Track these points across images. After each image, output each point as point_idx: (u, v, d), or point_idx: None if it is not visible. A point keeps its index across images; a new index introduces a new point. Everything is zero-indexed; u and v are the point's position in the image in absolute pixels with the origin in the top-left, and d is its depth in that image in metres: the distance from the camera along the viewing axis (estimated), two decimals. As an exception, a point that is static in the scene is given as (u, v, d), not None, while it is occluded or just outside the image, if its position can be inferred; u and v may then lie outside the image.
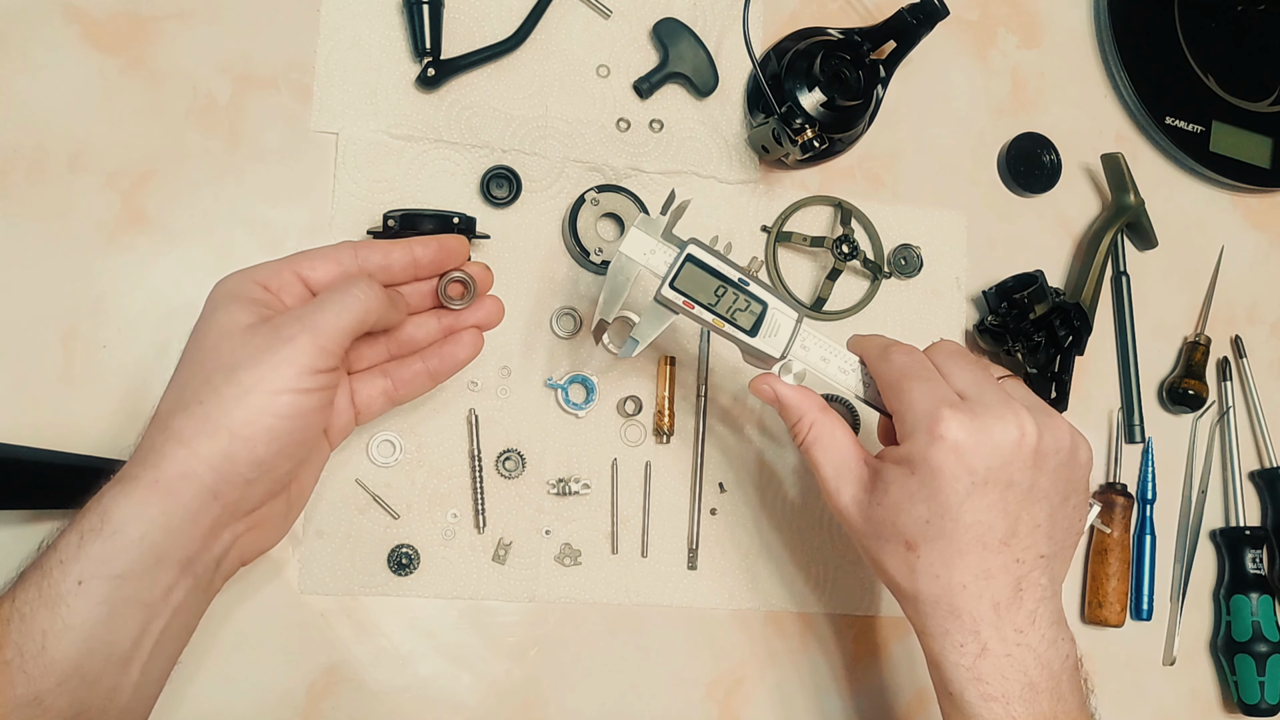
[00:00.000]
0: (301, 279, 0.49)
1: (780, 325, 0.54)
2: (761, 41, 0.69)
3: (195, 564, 0.45)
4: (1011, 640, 0.47)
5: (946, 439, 0.46)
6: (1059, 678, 0.48)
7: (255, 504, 0.47)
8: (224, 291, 0.48)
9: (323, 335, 0.45)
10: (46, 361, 0.56)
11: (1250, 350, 0.77)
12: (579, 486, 0.63)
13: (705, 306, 0.53)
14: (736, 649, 0.64)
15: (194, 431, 0.43)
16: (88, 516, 0.43)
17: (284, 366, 0.44)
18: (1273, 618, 0.72)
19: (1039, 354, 0.69)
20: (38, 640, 0.41)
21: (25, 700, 0.40)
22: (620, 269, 0.54)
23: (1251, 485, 0.77)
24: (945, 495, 0.47)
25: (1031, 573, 0.48)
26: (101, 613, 0.42)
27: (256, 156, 0.61)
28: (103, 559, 0.42)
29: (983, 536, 0.47)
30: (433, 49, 0.62)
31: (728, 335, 0.53)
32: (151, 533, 0.43)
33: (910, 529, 0.48)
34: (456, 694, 0.60)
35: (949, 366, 0.51)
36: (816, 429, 0.52)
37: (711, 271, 0.53)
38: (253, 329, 0.45)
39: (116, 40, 0.59)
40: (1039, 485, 0.48)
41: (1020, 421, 0.47)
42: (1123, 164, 0.73)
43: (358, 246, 0.51)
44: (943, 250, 0.71)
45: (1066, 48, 0.77)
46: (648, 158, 0.66)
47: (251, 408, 0.43)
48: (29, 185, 0.57)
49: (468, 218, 0.60)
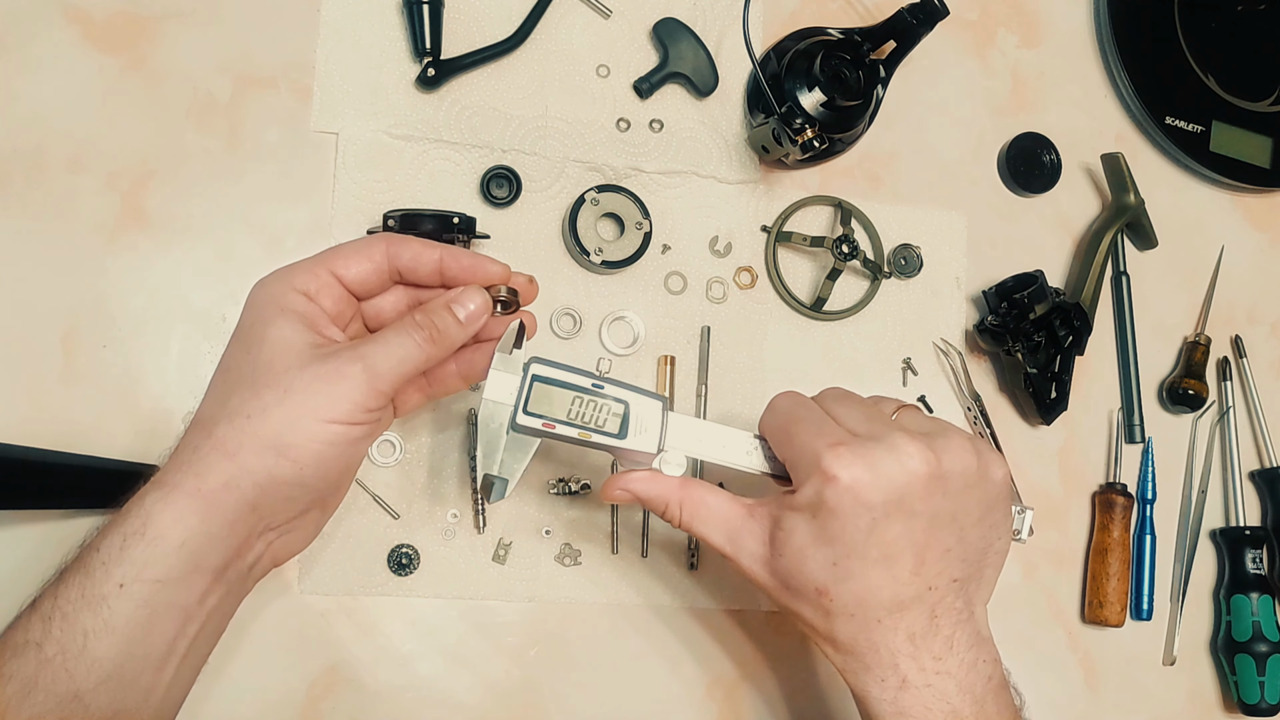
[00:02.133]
0: (337, 278, 0.49)
1: (647, 419, 0.51)
2: (761, 41, 0.69)
3: (230, 570, 0.46)
4: (930, 669, 0.47)
5: (840, 479, 0.45)
6: (983, 700, 0.48)
7: (292, 516, 0.48)
8: (268, 300, 0.47)
9: (379, 379, 0.46)
10: (46, 361, 0.56)
11: (1250, 350, 0.77)
12: (579, 486, 0.63)
13: (566, 422, 0.50)
14: (736, 649, 0.64)
15: (238, 445, 0.44)
16: (130, 519, 0.43)
17: (340, 402, 0.45)
18: (1273, 618, 0.72)
19: (1039, 354, 0.69)
20: (79, 640, 0.42)
21: (66, 697, 0.41)
22: (490, 416, 0.50)
23: (1251, 485, 0.77)
24: (848, 535, 0.46)
25: (945, 598, 0.48)
26: (142, 615, 0.42)
27: (256, 156, 0.61)
28: (144, 563, 0.43)
29: (891, 570, 0.46)
30: (433, 49, 0.62)
31: (597, 446, 0.51)
32: (191, 540, 0.43)
33: (818, 574, 0.47)
34: (456, 694, 0.60)
35: (837, 409, 0.50)
36: (687, 506, 0.50)
37: (561, 385, 0.50)
38: (310, 353, 0.45)
39: (116, 40, 0.59)
40: (943, 510, 0.47)
41: (915, 449, 0.46)
42: (1123, 164, 0.73)
43: (389, 241, 0.50)
44: (943, 250, 0.71)
45: (1066, 48, 0.77)
46: (648, 158, 0.66)
47: (301, 433, 0.44)
48: (29, 185, 0.57)
49: (468, 218, 0.60)
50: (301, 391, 0.44)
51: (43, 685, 0.41)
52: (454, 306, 0.49)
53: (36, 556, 0.55)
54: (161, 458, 0.47)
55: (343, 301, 0.49)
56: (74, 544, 0.46)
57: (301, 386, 0.44)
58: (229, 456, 0.44)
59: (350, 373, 0.45)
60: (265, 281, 0.48)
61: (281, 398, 0.44)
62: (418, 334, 0.47)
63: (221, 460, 0.44)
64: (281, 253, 0.60)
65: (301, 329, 0.46)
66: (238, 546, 0.46)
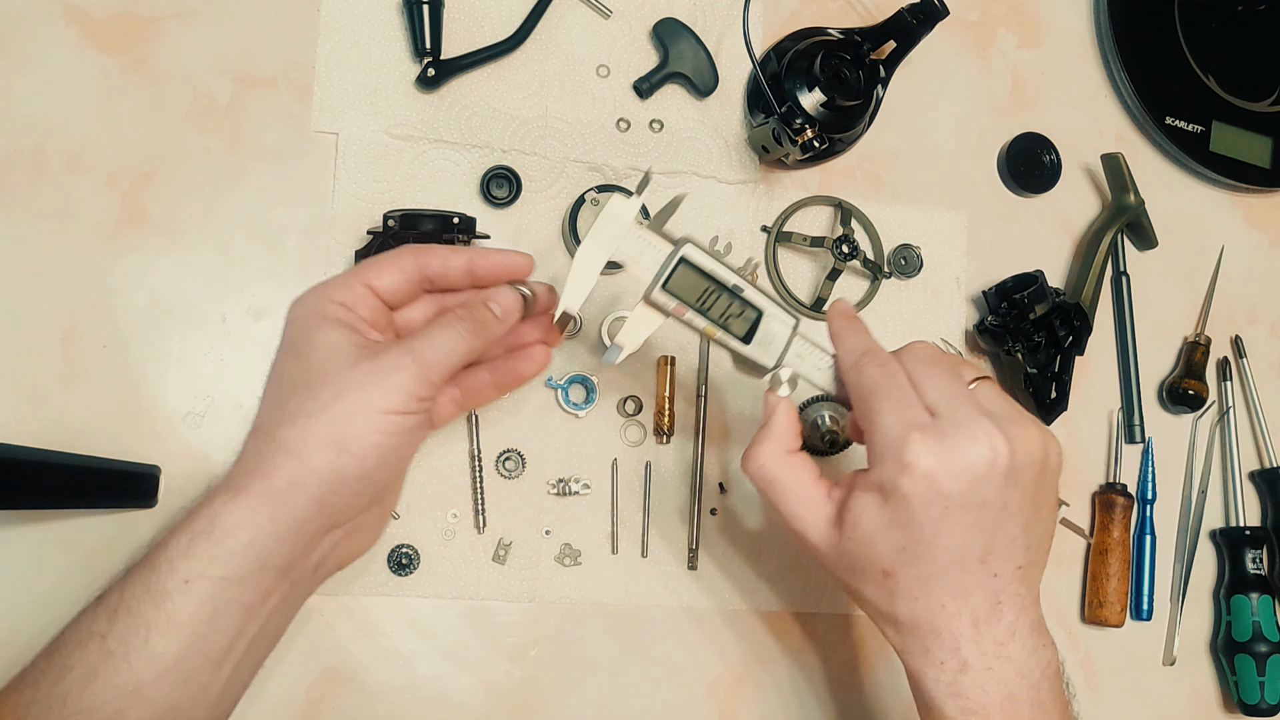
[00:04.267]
0: (371, 289, 0.51)
1: (776, 333, 0.51)
2: (761, 41, 0.69)
3: (294, 570, 0.47)
4: (992, 654, 0.47)
5: (917, 467, 0.45)
6: (1039, 686, 0.48)
7: (356, 513, 0.49)
8: (309, 313, 0.49)
9: (428, 368, 0.48)
10: (46, 361, 0.56)
11: (1250, 350, 0.77)
12: (579, 486, 0.63)
13: (698, 311, 0.50)
14: (736, 649, 0.64)
15: (302, 444, 0.46)
16: (197, 519, 0.45)
17: (393, 393, 0.46)
18: (1273, 618, 0.72)
19: (1039, 354, 0.69)
20: (142, 633, 0.43)
21: (127, 689, 0.42)
22: (586, 258, 0.50)
23: (1251, 485, 0.77)
24: (919, 522, 0.46)
25: (1010, 585, 0.48)
26: (205, 612, 0.44)
27: (256, 156, 0.61)
28: (210, 560, 0.44)
29: (960, 558, 0.47)
30: (433, 49, 0.62)
31: (720, 342, 0.51)
32: (259, 539, 0.45)
33: (886, 557, 0.47)
34: (456, 694, 0.60)
35: (921, 375, 0.49)
36: (770, 469, 0.51)
37: (706, 275, 0.50)
38: (358, 353, 0.48)
39: (116, 40, 0.59)
40: (1013, 501, 0.47)
41: (992, 441, 0.46)
42: (1123, 164, 0.73)
43: (418, 252, 0.52)
44: (943, 250, 0.71)
45: (1066, 48, 0.77)
46: (648, 158, 0.66)
47: (360, 425, 0.46)
48: (29, 185, 0.57)
49: (468, 218, 0.60)
50: (356, 387, 0.46)
51: (104, 676, 0.42)
52: (490, 303, 0.52)
53: (37, 556, 0.55)
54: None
55: (378, 311, 0.51)
56: (139, 544, 0.47)
57: (356, 383, 0.46)
58: (293, 456, 0.45)
59: (401, 364, 0.47)
60: (302, 298, 0.50)
61: (338, 394, 0.46)
62: (460, 325, 0.49)
63: (286, 460, 0.45)
64: (281, 253, 0.60)
65: (346, 332, 0.49)
66: (304, 546, 0.47)
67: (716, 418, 0.66)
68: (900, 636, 0.49)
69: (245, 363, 0.59)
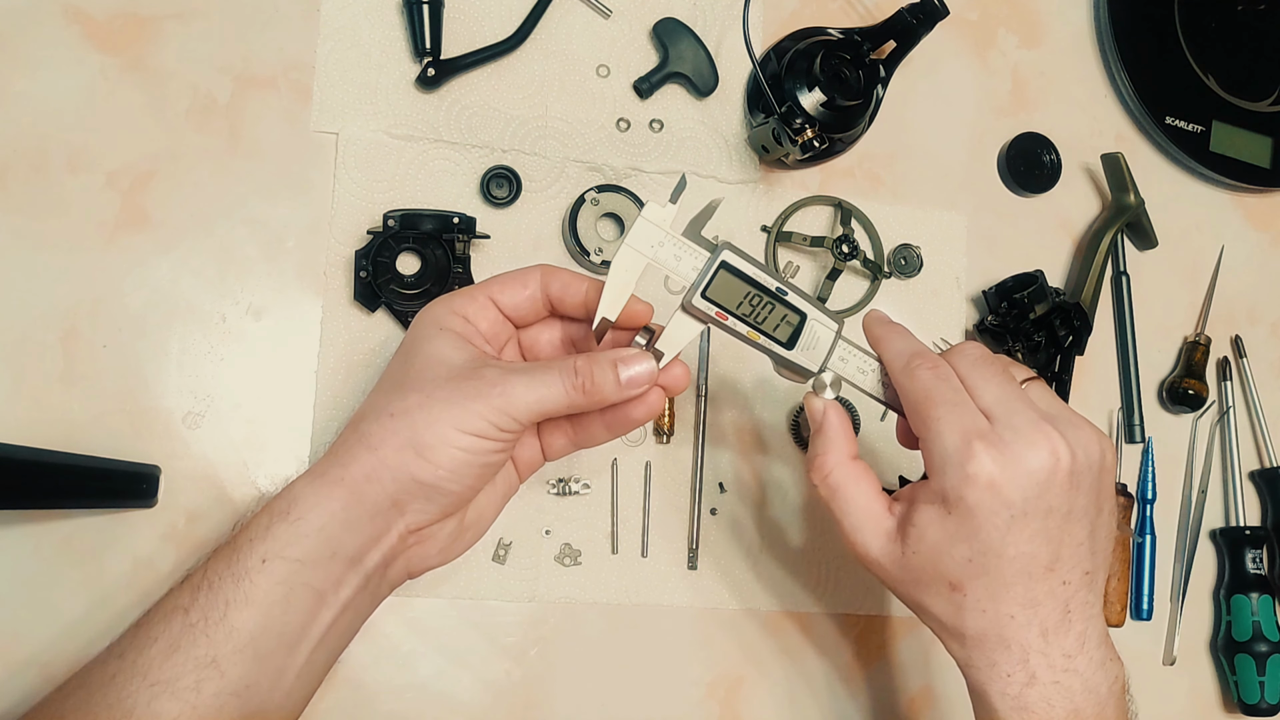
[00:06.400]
0: (494, 302, 0.51)
1: (820, 337, 0.50)
2: (761, 41, 0.69)
3: (364, 562, 0.47)
4: (1060, 666, 0.47)
5: (980, 477, 0.45)
6: (1105, 703, 0.47)
7: (429, 519, 0.49)
8: (431, 320, 0.50)
9: (513, 406, 0.47)
10: (46, 361, 0.56)
11: (1250, 350, 0.77)
12: (579, 486, 0.63)
13: (740, 318, 0.49)
14: (736, 649, 0.64)
15: (381, 440, 0.47)
16: (279, 501, 0.47)
17: (473, 418, 0.46)
18: (1273, 618, 0.72)
19: (1039, 354, 0.69)
20: (220, 608, 0.44)
21: (204, 661, 0.43)
22: (623, 266, 0.49)
23: (1251, 485, 0.77)
24: (985, 533, 0.45)
25: (1079, 592, 0.47)
26: (280, 592, 0.45)
27: (256, 156, 0.61)
28: (286, 541, 0.45)
29: (1027, 567, 0.46)
30: (433, 49, 0.62)
31: (762, 348, 0.50)
32: (330, 525, 0.46)
33: (953, 570, 0.46)
34: (456, 694, 0.60)
35: (974, 378, 0.48)
36: (837, 475, 0.50)
37: (747, 279, 0.49)
38: (462, 367, 0.48)
39: (116, 40, 0.59)
40: (1077, 505, 0.47)
41: (1053, 446, 0.46)
42: (1123, 164, 0.73)
43: (544, 271, 0.51)
44: (943, 250, 0.71)
45: (1066, 48, 0.77)
46: (648, 158, 0.66)
47: (436, 436, 0.46)
48: (29, 185, 0.57)
49: (468, 218, 0.60)
50: (442, 400, 0.46)
51: (184, 647, 0.43)
52: (620, 366, 0.49)
53: (36, 556, 0.55)
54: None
55: (499, 324, 0.51)
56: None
57: (443, 395, 0.47)
58: (371, 450, 0.46)
59: (489, 394, 0.47)
60: (430, 307, 0.51)
61: (423, 401, 0.47)
62: (570, 380, 0.48)
63: (365, 453, 0.47)
64: (281, 253, 0.60)
65: (457, 343, 0.49)
66: (376, 537, 0.47)
67: (717, 417, 0.66)
68: (966, 650, 0.48)
69: (245, 363, 0.59)
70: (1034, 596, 0.46)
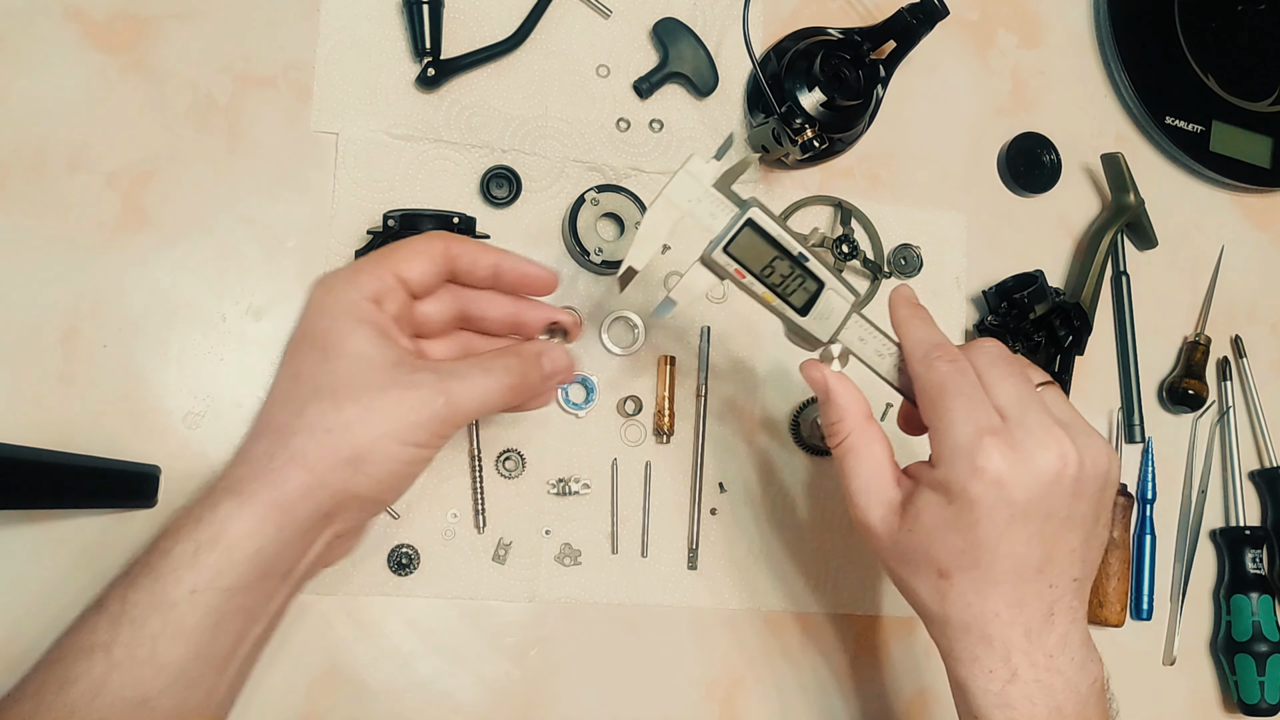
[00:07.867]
0: (401, 280, 0.49)
1: (834, 308, 0.50)
2: (761, 41, 0.69)
3: (294, 574, 0.47)
4: (1042, 665, 0.47)
5: (988, 471, 0.45)
6: (1086, 701, 0.47)
7: (358, 524, 0.50)
8: (341, 309, 0.47)
9: (459, 414, 0.47)
10: (46, 361, 0.56)
11: (1250, 350, 0.77)
12: (579, 486, 0.63)
13: (758, 277, 0.49)
14: (736, 649, 0.64)
15: (318, 459, 0.45)
16: (203, 527, 0.44)
17: (417, 430, 0.46)
18: (1273, 618, 0.72)
19: (1039, 354, 0.69)
20: (148, 644, 0.42)
21: (134, 702, 0.42)
22: (658, 218, 0.48)
23: (1251, 485, 0.77)
24: (983, 527, 0.45)
25: (1064, 597, 0.47)
26: (210, 621, 0.43)
27: (256, 156, 0.61)
28: (217, 571, 0.43)
29: (1018, 567, 0.46)
30: (433, 49, 0.62)
31: (776, 310, 0.50)
32: (265, 549, 0.44)
33: (943, 557, 0.47)
34: (456, 694, 0.60)
35: (991, 375, 0.48)
36: (855, 438, 0.50)
37: (770, 240, 0.48)
38: (392, 373, 0.46)
39: (116, 40, 0.59)
40: (1076, 512, 0.47)
41: (1063, 450, 0.46)
42: (1123, 164, 0.73)
43: (449, 242, 0.51)
44: (943, 250, 0.71)
45: (1066, 48, 0.77)
46: (648, 158, 0.66)
47: (380, 452, 0.45)
48: (29, 185, 0.57)
49: (468, 218, 0.60)
50: (384, 414, 0.45)
51: (111, 689, 0.41)
52: (544, 361, 0.51)
53: (36, 556, 0.55)
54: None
55: (405, 305, 0.50)
56: (139, 544, 0.46)
57: (384, 409, 0.45)
58: (308, 469, 0.45)
59: (434, 404, 0.46)
60: (331, 285, 0.48)
61: (364, 416, 0.45)
62: (505, 379, 0.49)
63: (300, 472, 0.45)
64: (282, 253, 0.60)
65: (380, 343, 0.47)
66: (305, 550, 0.47)
67: (717, 417, 0.66)
68: (948, 640, 0.48)
69: (245, 363, 0.59)
70: (1020, 596, 0.47)
